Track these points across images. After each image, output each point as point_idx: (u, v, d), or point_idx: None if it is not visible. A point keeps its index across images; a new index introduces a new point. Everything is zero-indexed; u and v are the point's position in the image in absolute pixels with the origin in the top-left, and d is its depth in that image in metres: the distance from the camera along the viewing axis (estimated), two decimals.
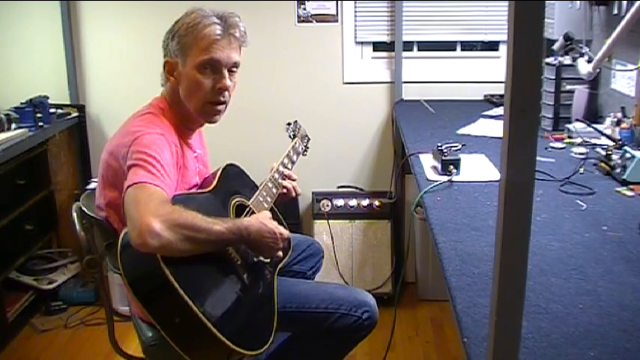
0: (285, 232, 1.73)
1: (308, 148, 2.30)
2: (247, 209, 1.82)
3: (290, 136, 2.23)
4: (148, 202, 1.45)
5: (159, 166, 1.55)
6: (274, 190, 1.94)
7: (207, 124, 1.87)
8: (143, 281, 1.52)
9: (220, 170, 1.86)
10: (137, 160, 1.55)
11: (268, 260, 1.79)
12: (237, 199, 1.83)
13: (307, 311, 1.83)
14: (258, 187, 1.92)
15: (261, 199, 1.87)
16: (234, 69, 1.77)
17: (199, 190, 1.79)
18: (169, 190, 1.55)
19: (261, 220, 1.67)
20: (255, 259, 1.74)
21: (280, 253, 1.75)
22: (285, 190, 1.99)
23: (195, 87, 1.71)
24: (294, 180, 2.03)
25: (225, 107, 1.79)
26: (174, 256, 1.46)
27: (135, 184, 1.49)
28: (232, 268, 1.65)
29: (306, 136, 2.32)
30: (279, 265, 1.86)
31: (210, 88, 1.72)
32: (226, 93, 1.75)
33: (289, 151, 2.13)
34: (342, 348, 1.94)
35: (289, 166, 2.09)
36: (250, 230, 1.62)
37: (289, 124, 2.24)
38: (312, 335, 1.92)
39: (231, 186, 1.85)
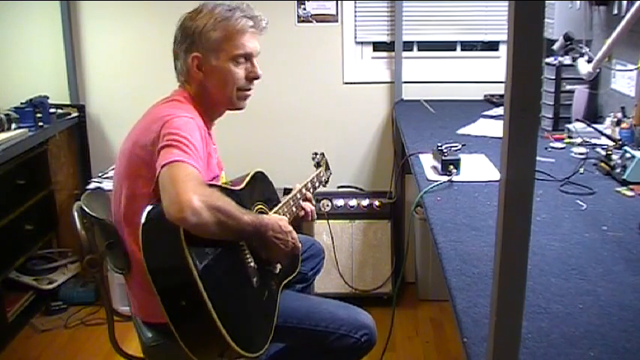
0: (297, 239, 1.74)
1: (328, 181, 2.33)
2: None
3: (314, 165, 2.27)
4: (187, 180, 1.47)
5: (192, 147, 1.57)
6: (294, 209, 1.98)
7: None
8: (160, 257, 1.54)
9: (250, 175, 1.91)
10: (170, 141, 1.56)
11: (277, 271, 1.81)
12: (259, 206, 1.87)
13: (307, 328, 1.83)
14: (280, 202, 1.96)
15: (282, 213, 1.89)
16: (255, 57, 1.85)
17: (228, 186, 1.81)
18: (202, 171, 1.58)
19: (277, 219, 1.71)
20: (265, 267, 1.76)
21: (290, 251, 1.74)
22: (302, 213, 2.01)
23: (230, 78, 1.78)
24: (313, 205, 2.06)
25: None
26: (199, 237, 1.48)
27: (172, 162, 1.51)
28: (245, 268, 1.68)
29: (329, 169, 2.34)
30: (284, 281, 1.88)
31: (244, 78, 1.80)
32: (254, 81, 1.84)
33: (313, 178, 2.16)
34: None
35: (310, 190, 2.12)
36: (268, 227, 1.65)
37: (316, 154, 2.29)
38: (309, 351, 1.93)
39: (256, 192, 1.89)
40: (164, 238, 1.52)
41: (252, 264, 1.69)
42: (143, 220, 1.54)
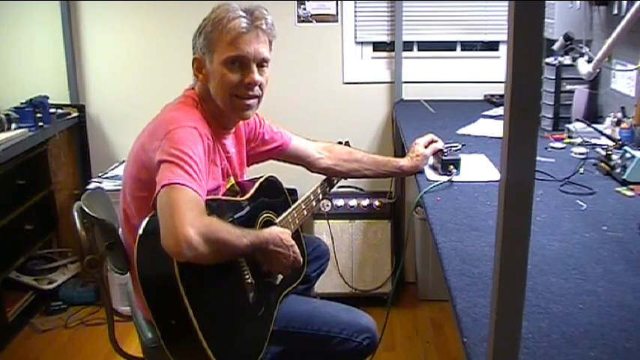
0: (298, 253, 1.71)
1: (337, 182, 2.31)
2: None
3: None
4: (186, 210, 1.41)
5: (193, 164, 1.51)
6: (305, 212, 1.97)
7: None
8: (152, 275, 1.53)
9: (260, 181, 1.88)
10: (171, 157, 1.50)
11: (278, 282, 1.81)
12: (266, 215, 1.84)
13: (309, 333, 1.83)
14: (290, 205, 1.94)
15: (290, 219, 1.88)
16: (264, 64, 1.72)
17: (234, 198, 1.78)
18: (203, 192, 1.53)
19: (279, 233, 1.67)
20: (265, 279, 1.75)
21: (290, 265, 1.71)
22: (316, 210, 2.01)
23: (222, 83, 1.66)
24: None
25: (258, 102, 1.75)
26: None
27: (172, 184, 1.45)
28: (241, 285, 1.66)
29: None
30: (286, 291, 1.88)
31: (238, 83, 1.67)
32: (257, 88, 1.71)
33: (324, 182, 2.17)
34: None
35: (321, 195, 2.13)
36: (269, 242, 1.62)
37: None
38: (310, 355, 1.93)
39: (265, 199, 1.86)
40: (157, 255, 1.45)
41: (249, 280, 1.67)
42: (141, 231, 1.52)
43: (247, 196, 1.80)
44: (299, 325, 1.82)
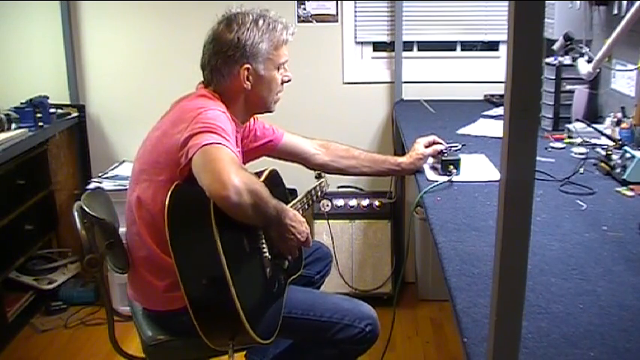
0: (309, 230, 1.79)
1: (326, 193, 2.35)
2: None
3: (315, 177, 2.29)
4: (230, 163, 1.51)
5: (227, 136, 1.61)
6: (300, 212, 2.00)
7: None
8: (186, 235, 1.58)
9: (267, 172, 1.96)
10: (206, 128, 1.60)
11: (285, 267, 1.85)
12: None
13: (311, 319, 1.85)
14: (289, 202, 1.99)
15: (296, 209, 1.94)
16: None
17: None
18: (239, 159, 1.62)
19: (293, 210, 1.79)
20: (276, 261, 1.81)
21: (302, 243, 1.79)
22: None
23: (275, 85, 1.88)
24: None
25: None
26: (227, 219, 1.52)
27: (210, 144, 1.55)
28: (261, 257, 1.75)
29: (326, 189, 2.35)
30: (290, 279, 1.91)
31: (281, 83, 1.91)
32: None
33: (316, 186, 2.21)
34: (342, 359, 1.95)
35: (314, 198, 2.18)
36: (286, 214, 1.71)
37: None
38: (314, 344, 1.94)
39: (271, 189, 1.91)
40: (192, 216, 1.59)
41: (267, 254, 1.76)
42: (168, 199, 1.59)
43: (261, 179, 1.87)
44: (302, 311, 1.85)
